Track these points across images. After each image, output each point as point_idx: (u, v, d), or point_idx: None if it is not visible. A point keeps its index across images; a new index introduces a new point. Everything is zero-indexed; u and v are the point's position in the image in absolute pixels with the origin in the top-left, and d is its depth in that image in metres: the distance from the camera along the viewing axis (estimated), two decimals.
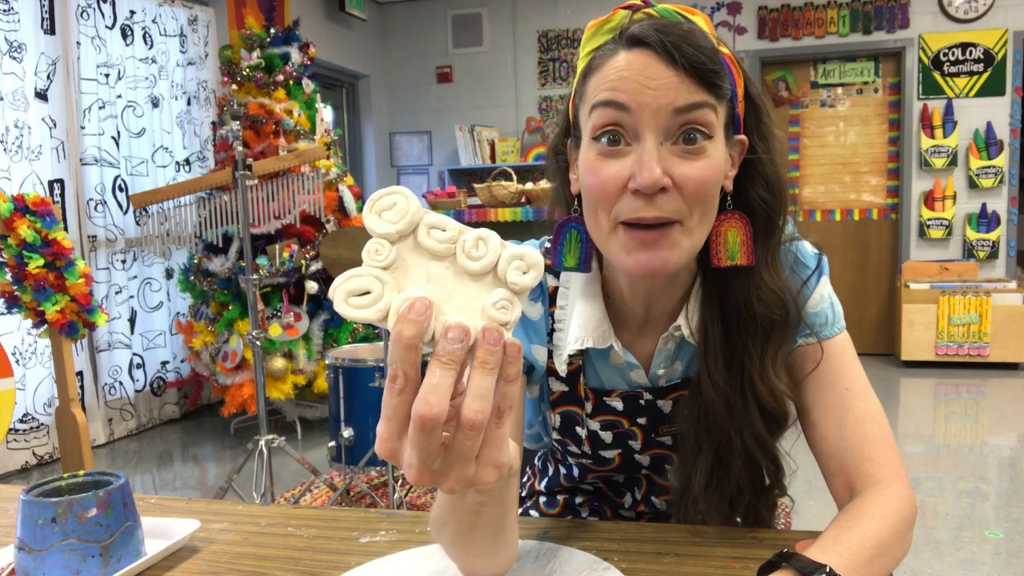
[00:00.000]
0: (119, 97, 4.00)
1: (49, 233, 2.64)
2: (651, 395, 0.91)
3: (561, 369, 0.90)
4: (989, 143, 5.35)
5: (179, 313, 4.35)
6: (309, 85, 4.12)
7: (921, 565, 2.34)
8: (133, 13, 4.05)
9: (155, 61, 4.20)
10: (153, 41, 4.19)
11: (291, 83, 3.99)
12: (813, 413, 0.84)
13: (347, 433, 2.77)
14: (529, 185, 3.93)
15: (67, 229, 3.58)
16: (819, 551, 0.67)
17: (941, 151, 5.41)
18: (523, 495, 1.10)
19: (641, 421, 0.92)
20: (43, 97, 3.56)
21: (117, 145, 4.00)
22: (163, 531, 0.85)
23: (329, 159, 4.01)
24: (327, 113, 5.30)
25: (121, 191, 4.03)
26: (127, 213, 4.04)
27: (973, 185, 5.41)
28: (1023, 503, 2.85)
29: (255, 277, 2.74)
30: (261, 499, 2.79)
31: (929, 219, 5.48)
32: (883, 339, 5.65)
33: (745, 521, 0.87)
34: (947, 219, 5.46)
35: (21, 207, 2.61)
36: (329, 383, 2.91)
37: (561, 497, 1.05)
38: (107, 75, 3.92)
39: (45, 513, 0.73)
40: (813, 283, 0.86)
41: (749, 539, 0.82)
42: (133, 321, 4.12)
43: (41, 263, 2.61)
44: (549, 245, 0.94)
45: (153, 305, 4.25)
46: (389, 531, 0.87)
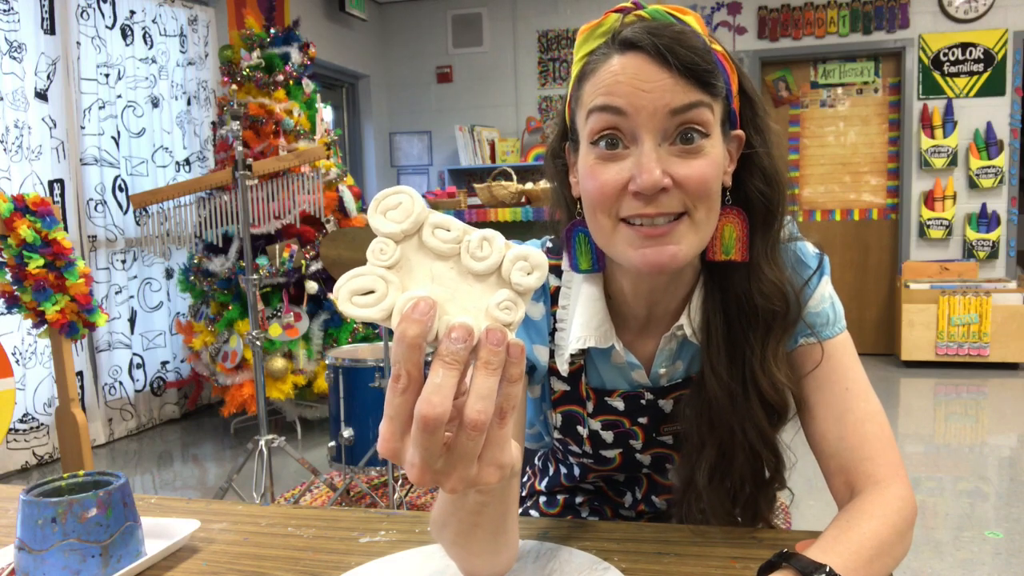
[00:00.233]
0: (119, 97, 4.00)
1: (49, 233, 2.64)
2: (652, 395, 0.91)
3: (563, 368, 0.90)
4: (989, 143, 5.35)
5: (179, 313, 4.35)
6: (309, 85, 4.12)
7: (921, 565, 2.34)
8: (133, 13, 4.05)
9: (155, 61, 4.20)
10: (153, 41, 4.19)
11: (291, 83, 3.99)
12: (813, 412, 0.84)
13: (347, 433, 2.77)
14: (529, 185, 3.93)
15: (67, 229, 3.58)
16: (819, 551, 0.67)
17: (941, 151, 5.41)
18: (523, 495, 1.10)
19: (642, 421, 0.92)
20: (43, 97, 3.56)
21: (117, 145, 4.00)
22: (163, 531, 0.85)
23: (329, 159, 4.01)
24: (327, 113, 5.30)
25: (121, 191, 4.03)
26: (127, 213, 4.04)
27: (973, 185, 5.41)
28: (1023, 503, 2.85)
29: (255, 277, 2.74)
30: (261, 499, 2.79)
31: (929, 219, 5.48)
32: (883, 339, 5.65)
33: (744, 516, 0.87)
34: (947, 219, 5.46)
35: (21, 207, 2.61)
36: (329, 383, 2.91)
37: (561, 497, 1.05)
38: (107, 75, 3.92)
39: (45, 513, 0.73)
40: (814, 283, 0.87)
41: (749, 539, 0.82)
42: (133, 321, 4.12)
43: (41, 263, 2.61)
44: (551, 245, 0.94)
45: (153, 305, 4.25)
46: (389, 531, 0.87)
